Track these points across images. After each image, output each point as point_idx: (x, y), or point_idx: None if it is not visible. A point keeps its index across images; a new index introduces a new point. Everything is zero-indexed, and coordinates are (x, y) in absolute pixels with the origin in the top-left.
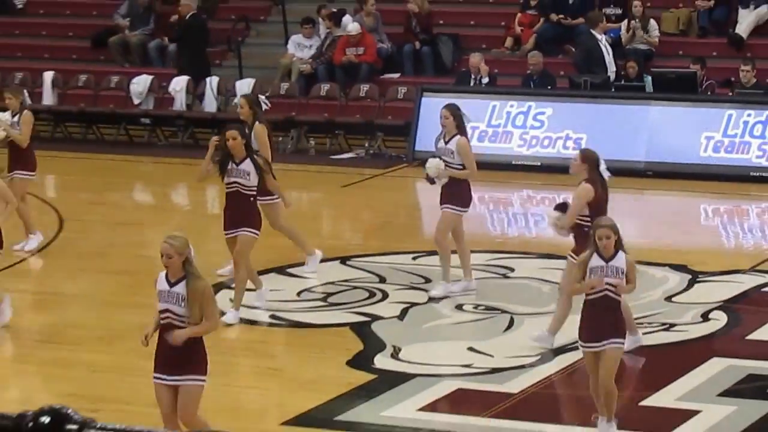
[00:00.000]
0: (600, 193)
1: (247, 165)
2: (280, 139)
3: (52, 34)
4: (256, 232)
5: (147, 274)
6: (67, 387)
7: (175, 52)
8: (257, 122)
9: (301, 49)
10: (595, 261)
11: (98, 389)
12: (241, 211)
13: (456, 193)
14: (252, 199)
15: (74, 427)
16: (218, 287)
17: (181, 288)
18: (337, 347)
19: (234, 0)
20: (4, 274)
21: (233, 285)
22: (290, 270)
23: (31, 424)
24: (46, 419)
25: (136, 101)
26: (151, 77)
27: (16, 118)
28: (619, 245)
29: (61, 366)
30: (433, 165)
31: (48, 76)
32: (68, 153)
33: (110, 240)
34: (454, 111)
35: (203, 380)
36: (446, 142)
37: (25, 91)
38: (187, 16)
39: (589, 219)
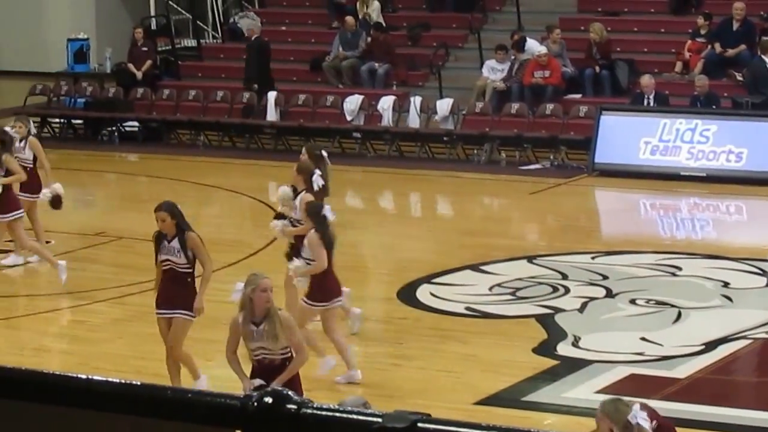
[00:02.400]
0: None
1: (176, 243)
2: (475, 151)
3: (275, 58)
4: (192, 315)
5: (356, 269)
6: None
7: (244, 67)
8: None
9: (494, 72)
10: None
11: (306, 369)
12: (175, 290)
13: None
14: (189, 279)
15: (293, 407)
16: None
17: None
18: (524, 336)
19: (435, 29)
20: (235, 267)
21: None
22: (483, 267)
23: (256, 404)
24: (269, 399)
25: (348, 118)
26: (361, 96)
27: (22, 143)
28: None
29: None
30: (281, 192)
31: (272, 95)
32: (289, 163)
33: None
34: (301, 167)
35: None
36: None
37: (30, 120)
38: (252, 38)
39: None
